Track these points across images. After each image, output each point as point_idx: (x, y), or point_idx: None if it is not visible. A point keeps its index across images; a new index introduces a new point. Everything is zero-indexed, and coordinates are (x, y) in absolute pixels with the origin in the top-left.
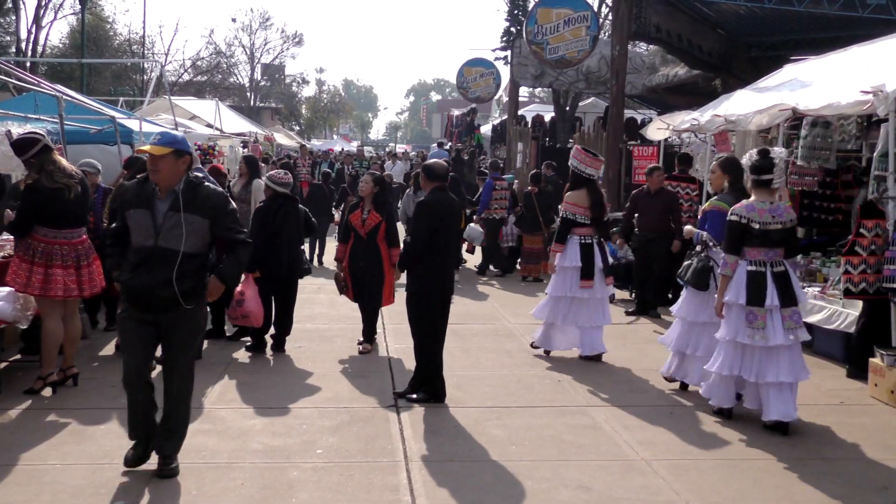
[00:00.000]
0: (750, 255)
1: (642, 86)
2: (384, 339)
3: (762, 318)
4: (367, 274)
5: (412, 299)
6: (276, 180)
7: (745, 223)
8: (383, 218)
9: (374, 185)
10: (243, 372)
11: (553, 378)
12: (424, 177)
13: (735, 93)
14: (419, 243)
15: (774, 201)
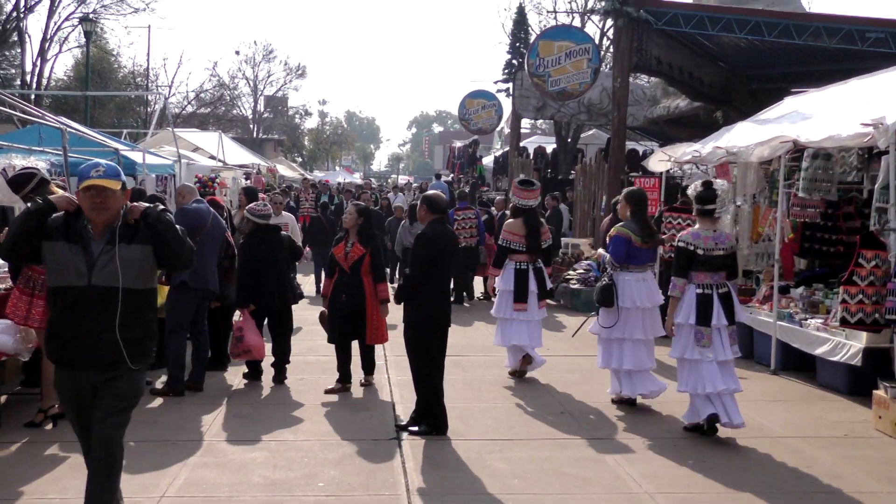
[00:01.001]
0: (697, 278)
1: (644, 117)
2: (386, 370)
3: (708, 336)
4: (349, 308)
5: (411, 330)
6: (255, 213)
7: (691, 249)
8: (367, 251)
9: (359, 217)
10: (244, 403)
11: (555, 410)
12: (426, 209)
13: (736, 125)
14: (418, 273)
15: (717, 229)
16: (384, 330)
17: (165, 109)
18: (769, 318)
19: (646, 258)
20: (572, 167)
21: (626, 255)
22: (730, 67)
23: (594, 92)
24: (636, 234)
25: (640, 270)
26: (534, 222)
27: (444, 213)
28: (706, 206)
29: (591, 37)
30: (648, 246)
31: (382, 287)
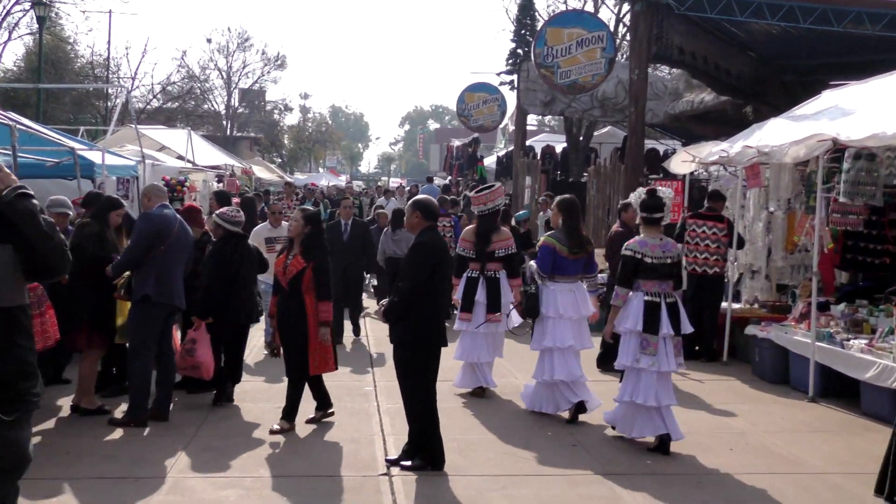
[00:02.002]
0: (645, 287)
1: (664, 113)
2: (375, 398)
3: (654, 345)
4: (285, 333)
5: (403, 350)
6: (227, 218)
7: (638, 258)
8: (309, 264)
9: (305, 225)
10: (215, 435)
11: (566, 442)
12: (420, 215)
13: (768, 121)
14: (417, 289)
15: (663, 238)
16: (331, 356)
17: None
18: (807, 339)
19: (575, 269)
20: (584, 169)
21: (552, 266)
22: (761, 57)
23: (609, 85)
24: (563, 244)
25: (569, 281)
26: (484, 227)
27: (437, 220)
28: (654, 215)
29: (606, 23)
30: (577, 257)
31: (324, 307)
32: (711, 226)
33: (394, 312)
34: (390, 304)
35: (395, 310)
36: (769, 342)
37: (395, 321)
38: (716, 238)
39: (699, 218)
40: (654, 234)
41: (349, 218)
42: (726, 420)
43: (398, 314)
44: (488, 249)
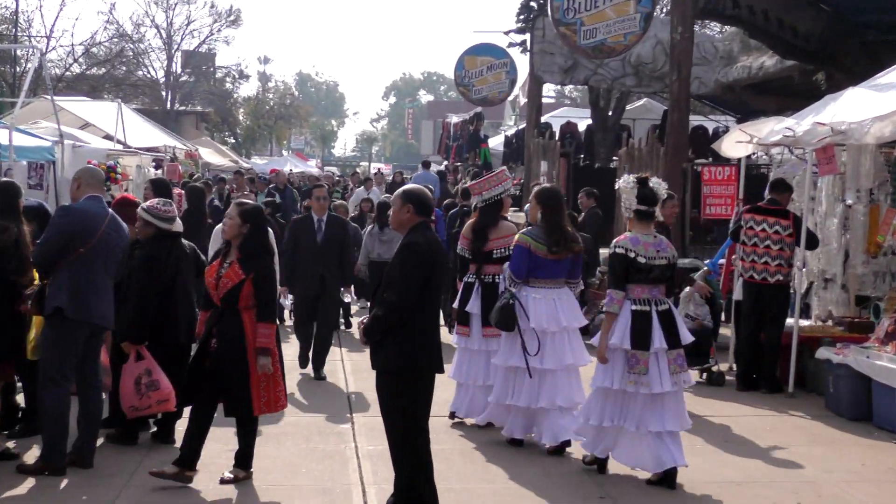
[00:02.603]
0: (634, 292)
1: (714, 82)
2: (353, 438)
3: (644, 362)
4: (219, 361)
5: (387, 379)
6: (157, 213)
7: (631, 257)
8: (248, 275)
9: (243, 223)
10: (151, 488)
11: (592, 494)
12: (412, 209)
13: (844, 92)
14: (409, 301)
15: (657, 235)
16: (281, 391)
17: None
18: (894, 365)
19: (556, 272)
20: (614, 151)
21: (527, 269)
22: (835, 12)
23: (645, 46)
24: (540, 242)
25: (550, 286)
26: (481, 222)
27: (431, 215)
28: (650, 208)
29: None
30: (559, 257)
31: (265, 330)
32: (773, 223)
33: (377, 330)
34: (373, 320)
35: (378, 327)
36: (847, 369)
37: (379, 342)
38: (778, 238)
39: (758, 213)
40: (646, 230)
41: (323, 213)
42: (793, 468)
43: (383, 332)
44: (485, 249)
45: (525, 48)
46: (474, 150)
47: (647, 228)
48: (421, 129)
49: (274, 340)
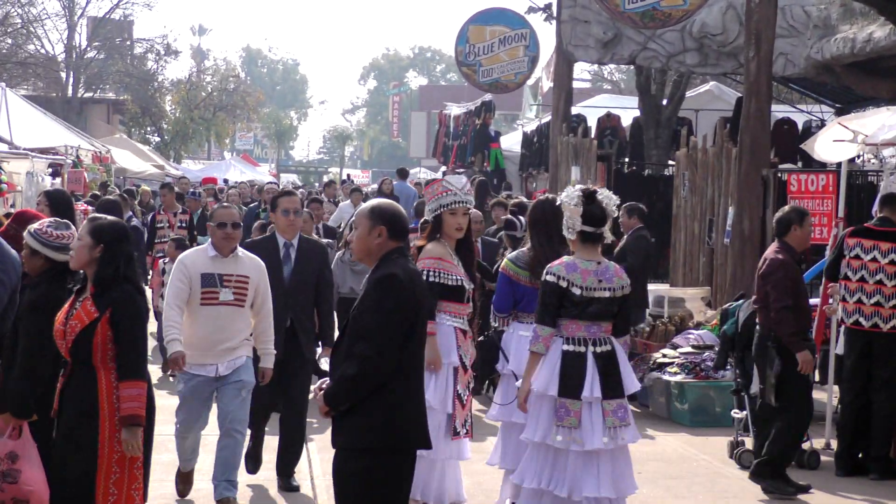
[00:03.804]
0: (567, 329)
1: (806, 60)
2: None
3: (575, 413)
4: (60, 443)
5: (354, 463)
6: (48, 241)
7: (563, 286)
8: (103, 313)
9: (95, 244)
10: None
11: None
12: (384, 231)
13: None
14: (391, 356)
15: (602, 261)
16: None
17: None
18: None
19: None
20: (670, 153)
21: (512, 301)
22: None
23: (712, 12)
24: (520, 267)
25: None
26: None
27: (407, 238)
28: (596, 229)
29: None
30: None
31: (130, 391)
32: (887, 250)
33: (346, 396)
34: (340, 383)
35: (349, 392)
36: None
37: (346, 412)
38: (893, 272)
39: (866, 237)
40: (589, 255)
41: (294, 235)
42: None
43: (350, 398)
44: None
45: (550, 15)
46: (482, 151)
47: (591, 253)
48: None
49: (144, 406)
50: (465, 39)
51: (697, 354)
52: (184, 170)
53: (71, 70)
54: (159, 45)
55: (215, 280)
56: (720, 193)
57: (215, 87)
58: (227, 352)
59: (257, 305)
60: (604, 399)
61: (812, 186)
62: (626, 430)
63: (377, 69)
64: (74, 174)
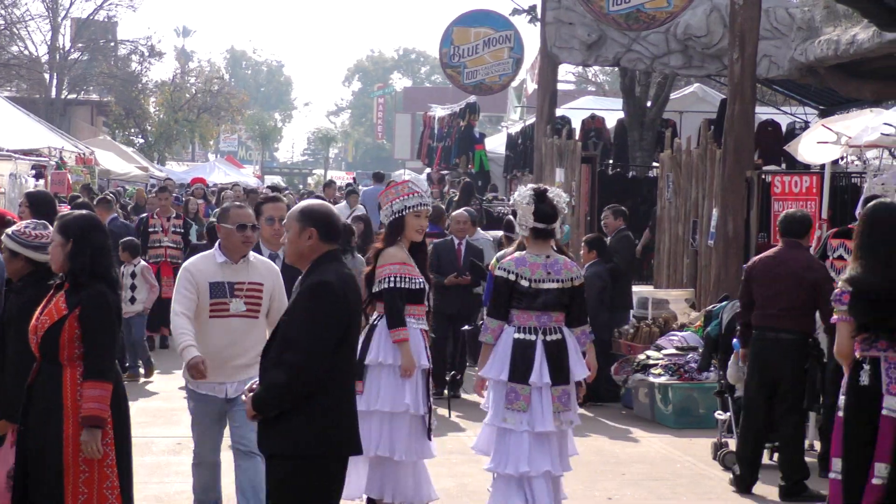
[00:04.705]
0: (518, 319)
1: (790, 62)
2: None
3: (525, 398)
4: (27, 440)
5: (283, 469)
6: (26, 241)
7: (512, 280)
8: (70, 310)
9: (65, 241)
10: None
11: None
12: (315, 234)
13: None
14: (322, 364)
15: (551, 255)
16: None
17: None
18: None
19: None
20: (654, 155)
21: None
22: None
23: (696, 14)
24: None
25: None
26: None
27: (338, 239)
28: (548, 226)
29: None
30: None
31: (93, 392)
32: None
33: (275, 403)
34: (269, 389)
35: (277, 398)
36: None
37: (274, 418)
38: None
39: (850, 238)
40: (539, 249)
41: (280, 246)
42: None
43: (279, 406)
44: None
45: (535, 16)
46: (466, 153)
47: (541, 248)
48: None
49: (107, 408)
50: (449, 41)
51: (681, 356)
52: (168, 171)
53: (54, 71)
54: (143, 46)
55: (225, 289)
56: (704, 195)
57: (199, 88)
58: (239, 370)
59: (273, 314)
60: (552, 385)
61: (796, 188)
62: (569, 415)
63: (362, 71)
64: (58, 176)
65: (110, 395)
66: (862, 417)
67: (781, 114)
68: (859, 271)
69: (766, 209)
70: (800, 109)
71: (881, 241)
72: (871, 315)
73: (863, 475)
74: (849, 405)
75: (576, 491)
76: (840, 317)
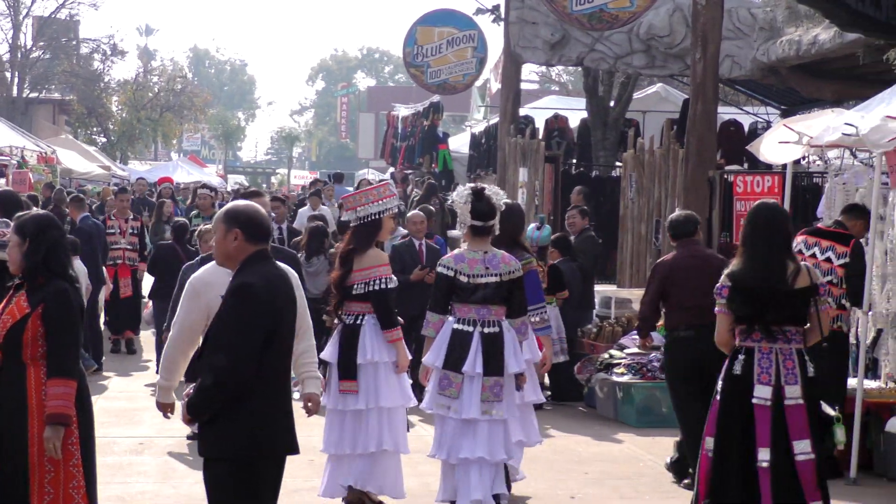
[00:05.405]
0: (458, 312)
1: (752, 62)
2: None
3: (457, 385)
4: None
5: (223, 470)
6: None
7: (451, 276)
8: (33, 308)
9: (22, 241)
10: None
11: None
12: (240, 235)
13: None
14: (246, 366)
15: (489, 251)
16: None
17: None
18: None
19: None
20: (617, 154)
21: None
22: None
23: (659, 14)
24: None
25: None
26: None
27: (267, 239)
28: (486, 223)
29: None
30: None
31: (56, 389)
32: (826, 248)
33: (202, 405)
34: (196, 393)
35: (206, 401)
36: None
37: (209, 422)
38: (828, 269)
39: (813, 235)
40: (479, 245)
41: None
42: None
43: (209, 409)
44: (347, 282)
45: (498, 16)
46: (430, 152)
47: (479, 244)
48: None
49: (72, 405)
50: (413, 41)
51: (644, 355)
52: (130, 171)
53: (16, 70)
54: (106, 45)
55: None
56: (667, 194)
57: (162, 87)
58: None
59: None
60: (483, 375)
61: (758, 188)
62: (499, 406)
63: (325, 70)
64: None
65: (75, 392)
66: (734, 403)
67: (744, 114)
68: (740, 267)
69: (728, 209)
70: (762, 109)
71: (761, 239)
72: (747, 309)
73: (730, 456)
74: (723, 390)
75: (538, 490)
76: (720, 309)
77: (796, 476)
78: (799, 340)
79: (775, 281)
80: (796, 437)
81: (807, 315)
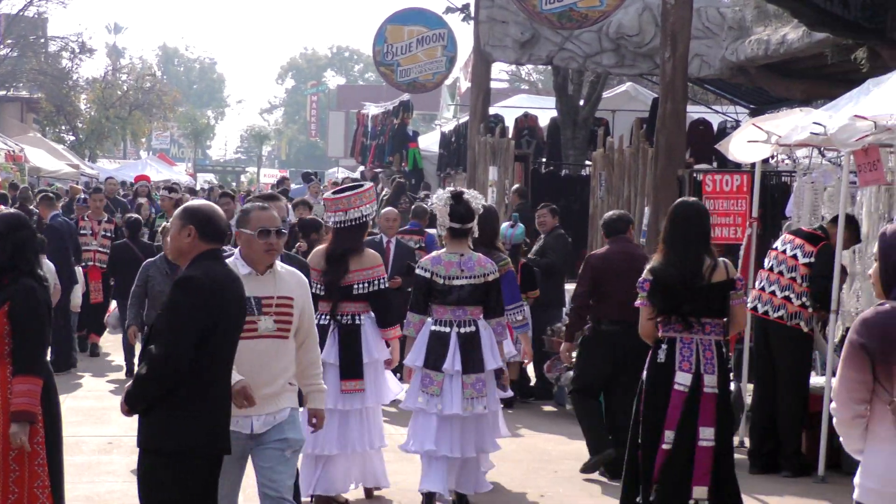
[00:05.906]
0: (436, 313)
1: (721, 61)
2: None
3: (438, 384)
4: None
5: (155, 463)
6: None
7: (428, 277)
8: (2, 306)
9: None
10: None
11: None
12: (194, 232)
13: (893, 75)
14: (180, 358)
15: (466, 253)
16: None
17: None
18: None
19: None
20: (587, 153)
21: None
22: None
23: (628, 14)
24: None
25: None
26: (340, 247)
27: (221, 239)
28: (463, 225)
29: None
30: None
31: (23, 387)
32: (796, 245)
33: (136, 396)
34: (133, 383)
35: (142, 391)
36: None
37: (144, 412)
38: (793, 265)
39: (795, 234)
40: (456, 247)
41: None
42: None
43: (144, 399)
44: (344, 282)
45: (468, 15)
46: (400, 151)
47: (457, 246)
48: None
49: (37, 403)
50: (383, 39)
51: None
52: (99, 169)
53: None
54: (74, 42)
55: (252, 306)
56: (636, 193)
57: (131, 85)
58: (267, 400)
59: (303, 332)
60: (463, 373)
61: (727, 187)
62: (483, 401)
63: (295, 68)
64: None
65: (40, 390)
66: (658, 391)
67: (713, 113)
68: (661, 262)
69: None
70: (731, 108)
71: (680, 235)
72: (667, 302)
73: (656, 441)
74: (648, 378)
75: (508, 488)
76: (642, 301)
77: (692, 460)
78: (719, 332)
79: (691, 276)
80: (703, 423)
81: (725, 308)
